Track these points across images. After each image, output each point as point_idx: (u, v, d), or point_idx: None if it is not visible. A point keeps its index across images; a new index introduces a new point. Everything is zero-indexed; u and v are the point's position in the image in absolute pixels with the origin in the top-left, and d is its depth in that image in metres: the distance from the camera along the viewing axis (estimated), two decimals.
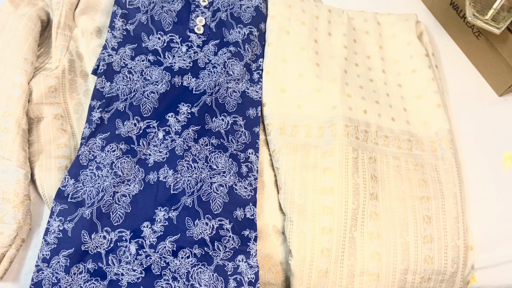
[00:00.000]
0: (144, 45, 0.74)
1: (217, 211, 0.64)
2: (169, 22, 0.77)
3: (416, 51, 0.82)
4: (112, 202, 0.62)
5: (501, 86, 0.83)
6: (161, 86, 0.71)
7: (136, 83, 0.71)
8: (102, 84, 0.70)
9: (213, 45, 0.76)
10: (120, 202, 0.63)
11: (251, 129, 0.71)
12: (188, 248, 0.61)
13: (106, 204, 0.62)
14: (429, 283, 0.66)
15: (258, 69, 0.76)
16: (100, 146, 0.66)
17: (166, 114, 0.69)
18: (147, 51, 0.74)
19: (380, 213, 0.68)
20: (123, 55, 0.73)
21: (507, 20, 0.75)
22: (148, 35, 0.75)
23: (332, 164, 0.69)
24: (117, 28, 0.74)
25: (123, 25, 0.75)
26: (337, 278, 0.64)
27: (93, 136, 0.66)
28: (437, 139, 0.75)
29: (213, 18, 0.78)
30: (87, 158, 0.65)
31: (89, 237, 0.60)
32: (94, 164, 0.65)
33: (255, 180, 0.68)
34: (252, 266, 0.62)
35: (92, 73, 0.73)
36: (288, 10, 0.81)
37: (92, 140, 0.66)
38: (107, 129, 0.67)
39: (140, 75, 0.72)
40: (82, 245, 0.59)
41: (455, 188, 0.71)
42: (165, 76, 0.72)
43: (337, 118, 0.72)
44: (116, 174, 0.64)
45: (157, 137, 0.68)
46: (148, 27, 0.76)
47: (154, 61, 0.73)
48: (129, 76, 0.72)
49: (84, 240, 0.60)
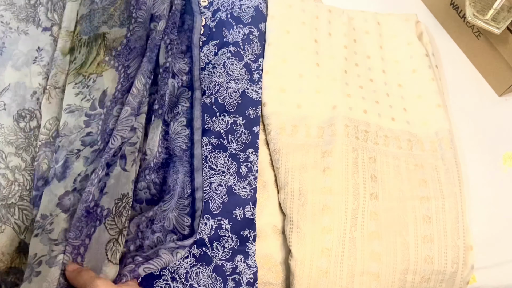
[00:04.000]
0: None
1: (216, 211, 0.64)
2: None
3: (416, 51, 0.82)
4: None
5: (501, 86, 0.83)
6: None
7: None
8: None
9: (213, 45, 0.76)
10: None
11: (251, 129, 0.71)
12: (187, 248, 0.61)
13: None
14: (429, 283, 0.66)
15: (258, 69, 0.76)
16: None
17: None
18: None
19: (380, 213, 0.68)
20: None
21: (507, 20, 0.75)
22: None
23: (332, 164, 0.68)
24: None
25: None
26: (337, 278, 0.64)
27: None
28: (437, 139, 0.75)
29: (213, 18, 0.78)
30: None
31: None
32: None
33: (255, 179, 0.68)
34: (250, 266, 0.62)
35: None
36: (288, 10, 0.81)
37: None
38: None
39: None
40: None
41: (455, 188, 0.71)
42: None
43: (337, 118, 0.72)
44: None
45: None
46: None
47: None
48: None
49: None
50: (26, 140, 0.64)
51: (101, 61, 0.67)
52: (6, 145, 0.62)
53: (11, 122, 0.64)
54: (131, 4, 0.70)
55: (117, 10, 0.68)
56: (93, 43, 0.67)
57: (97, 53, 0.67)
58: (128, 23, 0.68)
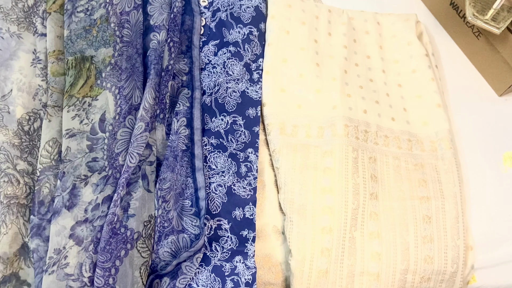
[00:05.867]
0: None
1: (216, 211, 0.64)
2: None
3: (416, 51, 0.82)
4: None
5: (501, 86, 0.83)
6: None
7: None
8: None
9: (213, 45, 0.76)
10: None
11: (251, 129, 0.71)
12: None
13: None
14: (429, 283, 0.66)
15: (258, 69, 0.76)
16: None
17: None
18: None
19: (380, 213, 0.68)
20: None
21: (507, 20, 0.75)
22: None
23: (332, 164, 0.68)
24: None
25: None
26: (337, 278, 0.64)
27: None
28: (437, 139, 0.75)
29: (213, 18, 0.78)
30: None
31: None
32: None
33: (255, 179, 0.68)
34: (249, 267, 0.62)
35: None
36: (288, 10, 0.81)
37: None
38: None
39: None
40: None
41: (455, 188, 0.71)
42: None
43: (337, 118, 0.72)
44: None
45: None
46: None
47: None
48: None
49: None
50: (31, 142, 0.64)
51: (93, 84, 0.66)
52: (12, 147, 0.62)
53: (15, 126, 0.64)
54: (112, 22, 0.68)
55: (99, 30, 0.67)
56: (81, 65, 0.66)
57: (88, 75, 0.66)
58: (113, 42, 0.67)
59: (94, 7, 0.69)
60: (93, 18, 0.68)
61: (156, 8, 0.71)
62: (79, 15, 0.68)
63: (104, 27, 0.68)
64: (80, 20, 0.68)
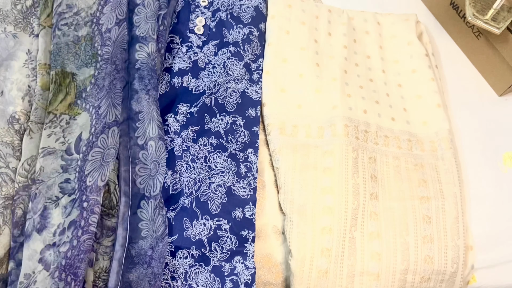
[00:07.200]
0: None
1: (216, 212, 0.64)
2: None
3: (416, 51, 0.82)
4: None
5: (501, 86, 0.83)
6: (161, 87, 0.71)
7: None
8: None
9: (213, 45, 0.76)
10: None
11: (251, 129, 0.71)
12: (185, 249, 0.61)
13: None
14: (429, 283, 0.66)
15: (258, 69, 0.76)
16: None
17: (165, 114, 0.69)
18: None
19: (380, 213, 0.68)
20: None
21: (507, 20, 0.75)
22: None
23: (332, 164, 0.69)
24: None
25: None
26: (337, 278, 0.64)
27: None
28: (437, 139, 0.75)
29: (213, 18, 0.78)
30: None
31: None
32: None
33: (255, 179, 0.68)
34: (248, 267, 0.62)
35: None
36: (288, 10, 0.81)
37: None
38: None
39: None
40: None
41: (455, 188, 0.71)
42: (164, 77, 0.72)
43: (337, 118, 0.72)
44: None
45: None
46: None
47: None
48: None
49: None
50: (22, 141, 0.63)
51: (72, 102, 0.63)
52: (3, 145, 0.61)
53: (5, 124, 0.63)
54: (96, 41, 0.66)
55: (83, 49, 0.65)
56: (61, 81, 0.64)
57: (67, 92, 0.64)
58: (95, 62, 0.65)
59: (79, 22, 0.68)
60: (77, 34, 0.67)
61: (141, 19, 0.70)
62: (63, 28, 0.67)
63: (88, 46, 0.66)
64: (63, 34, 0.66)
